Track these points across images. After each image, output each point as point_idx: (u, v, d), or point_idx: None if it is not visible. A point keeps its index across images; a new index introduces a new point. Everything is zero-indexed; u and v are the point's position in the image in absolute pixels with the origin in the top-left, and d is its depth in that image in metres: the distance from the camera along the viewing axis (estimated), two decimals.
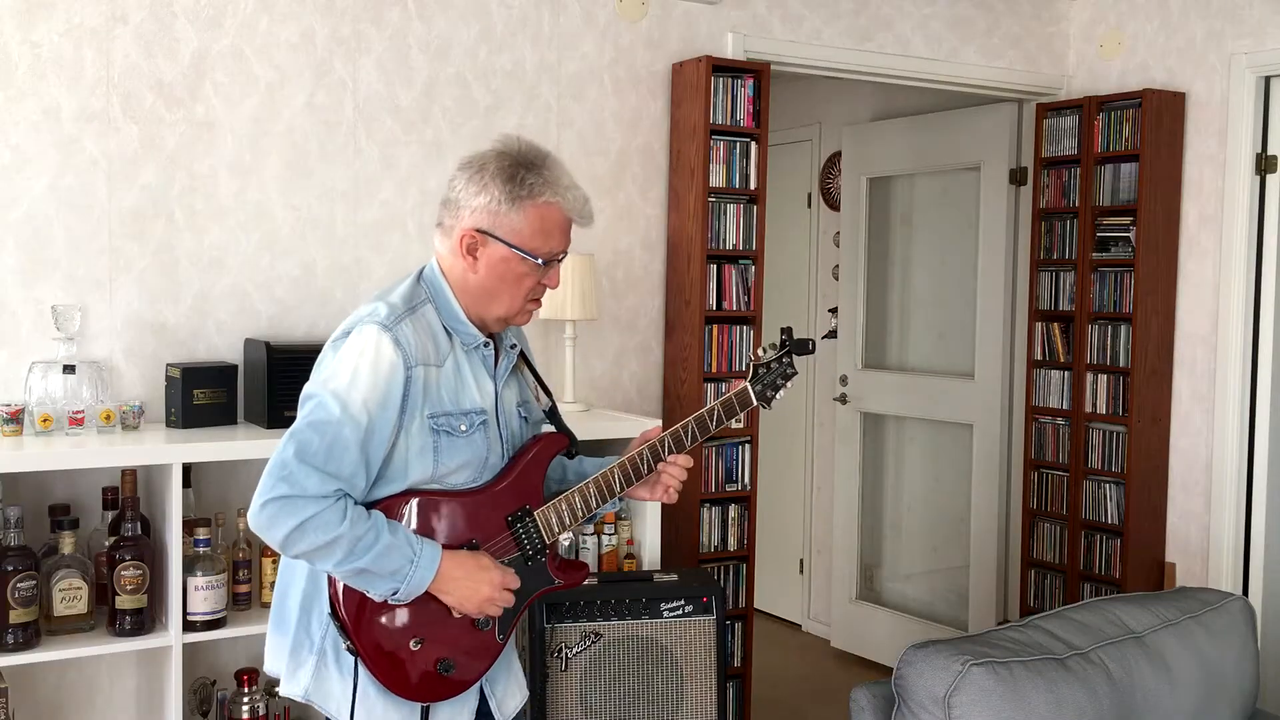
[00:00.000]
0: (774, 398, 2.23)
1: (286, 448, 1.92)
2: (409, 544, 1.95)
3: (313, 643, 2.05)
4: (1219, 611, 2.64)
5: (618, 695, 3.06)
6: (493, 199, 2.01)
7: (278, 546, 1.92)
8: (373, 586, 1.95)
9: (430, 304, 2.07)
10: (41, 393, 2.97)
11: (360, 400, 1.93)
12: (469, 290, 2.07)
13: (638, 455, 2.16)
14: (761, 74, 3.89)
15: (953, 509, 5.13)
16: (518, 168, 2.02)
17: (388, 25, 3.47)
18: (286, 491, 1.89)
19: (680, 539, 3.84)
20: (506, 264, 2.04)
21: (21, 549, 2.72)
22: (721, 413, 2.18)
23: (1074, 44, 4.71)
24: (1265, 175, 4.11)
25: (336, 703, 2.04)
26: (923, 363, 5.29)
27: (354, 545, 1.90)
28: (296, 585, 2.08)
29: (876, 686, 2.39)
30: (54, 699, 3.07)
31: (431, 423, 2.00)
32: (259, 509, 1.90)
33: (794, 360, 2.23)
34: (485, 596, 2.01)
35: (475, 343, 2.09)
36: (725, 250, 3.86)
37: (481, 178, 2.03)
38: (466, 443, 2.04)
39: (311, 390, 1.99)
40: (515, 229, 2.02)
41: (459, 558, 2.01)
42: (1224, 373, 4.17)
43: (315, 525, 1.88)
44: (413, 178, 3.52)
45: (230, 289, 3.28)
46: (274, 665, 2.12)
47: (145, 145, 3.16)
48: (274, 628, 2.12)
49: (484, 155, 2.06)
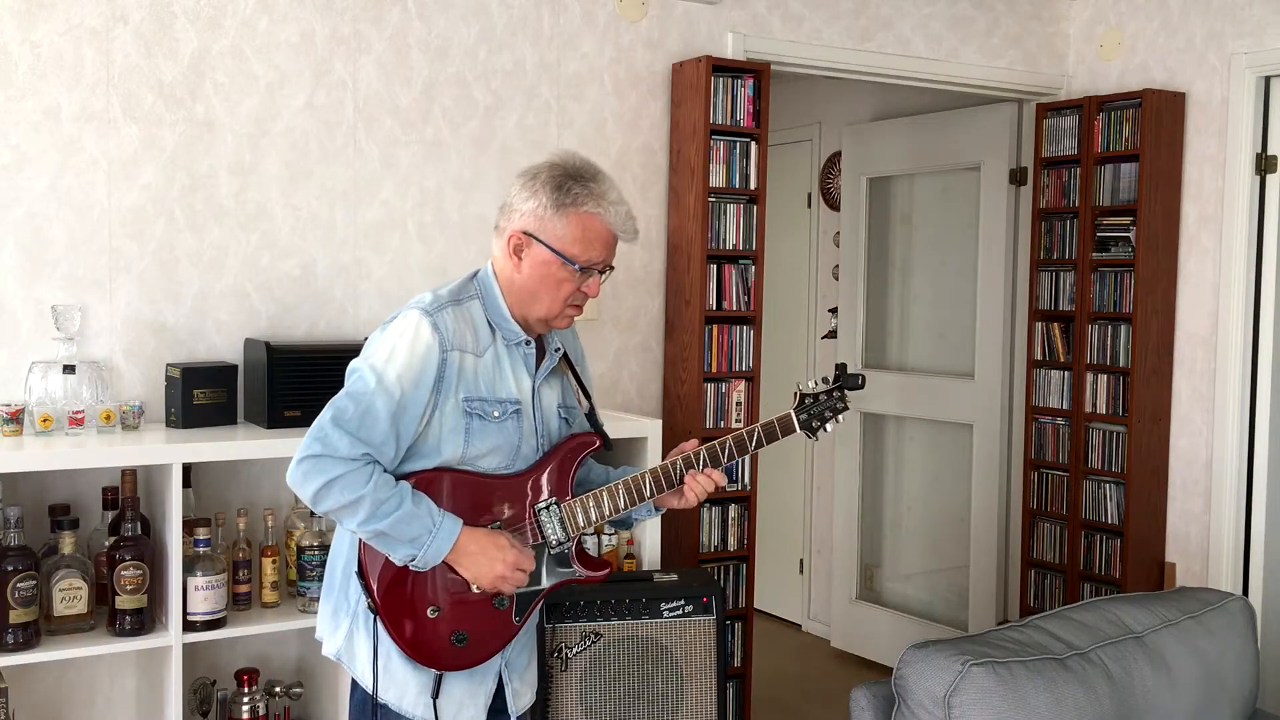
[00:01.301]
0: (819, 428, 2.33)
1: (326, 413, 2.08)
2: (430, 515, 2.09)
3: (349, 606, 2.20)
4: (1219, 611, 2.64)
5: (618, 695, 3.06)
6: (540, 204, 2.16)
7: (309, 501, 2.07)
8: (393, 551, 2.09)
9: (478, 300, 2.22)
10: (41, 393, 2.97)
11: (395, 375, 2.09)
12: (514, 290, 2.22)
13: (670, 464, 2.27)
14: (761, 74, 3.89)
15: (953, 509, 5.13)
16: (567, 178, 2.17)
17: (388, 25, 3.47)
18: (320, 451, 2.05)
19: (680, 539, 3.84)
20: (547, 267, 2.17)
21: (21, 549, 2.72)
22: (762, 436, 2.29)
23: (1074, 44, 4.71)
24: (1265, 175, 4.11)
25: (362, 665, 2.18)
26: (923, 363, 5.29)
27: (376, 507, 2.04)
28: (342, 554, 2.23)
29: (876, 686, 2.39)
30: (54, 699, 3.07)
31: (465, 405, 2.15)
32: (295, 465, 2.06)
33: (845, 396, 2.33)
34: (499, 574, 2.13)
35: (516, 339, 2.23)
36: (725, 250, 3.86)
37: (533, 185, 2.18)
38: (498, 428, 2.17)
39: (355, 365, 2.15)
40: (558, 234, 2.16)
41: (477, 534, 2.13)
42: (1224, 373, 4.17)
43: (341, 484, 2.03)
44: (413, 178, 3.52)
45: (230, 289, 3.28)
46: (321, 628, 2.30)
47: (145, 145, 3.16)
48: (325, 592, 2.29)
49: (540, 165, 2.22)
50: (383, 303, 3.47)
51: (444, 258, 3.56)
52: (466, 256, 3.58)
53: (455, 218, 3.58)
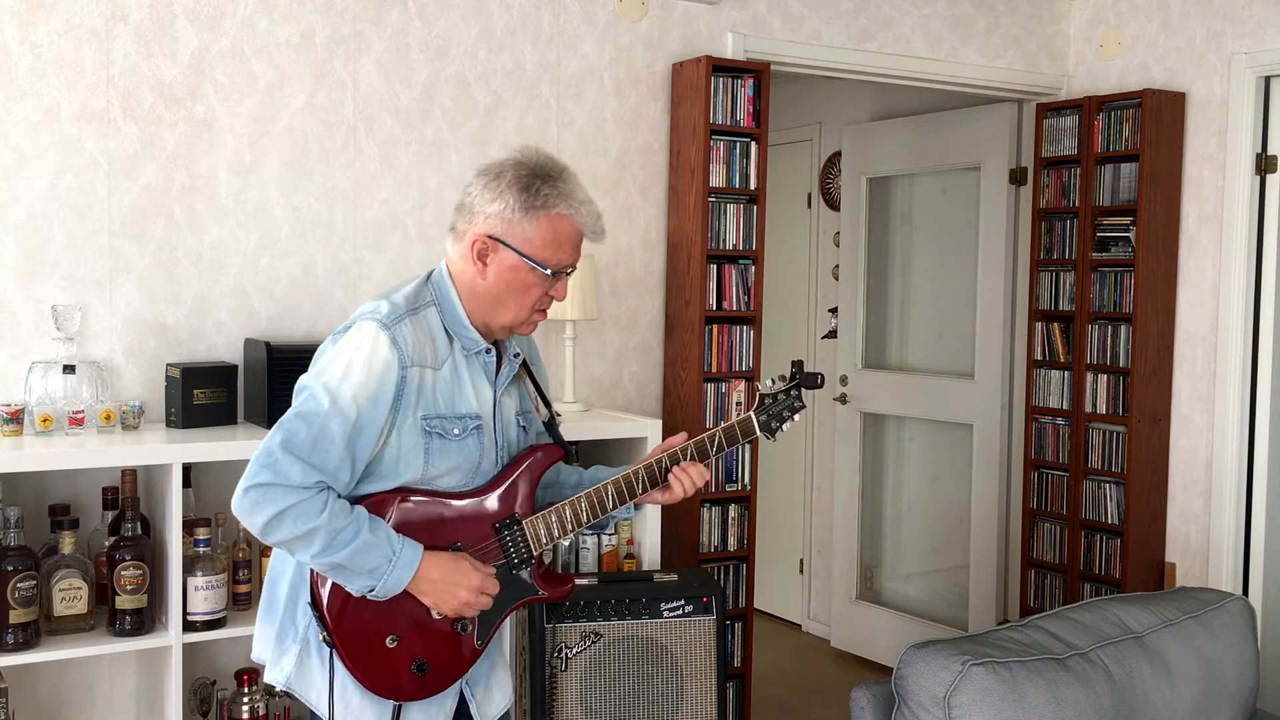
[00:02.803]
0: (778, 429, 2.25)
1: (274, 436, 1.94)
2: (389, 543, 1.97)
3: (297, 631, 2.07)
4: (1219, 611, 2.64)
5: (618, 695, 3.06)
6: (507, 206, 2.03)
7: (257, 533, 1.93)
8: (350, 582, 1.97)
9: (434, 306, 2.09)
10: (41, 393, 2.97)
11: (350, 395, 1.95)
12: (476, 296, 2.09)
13: (633, 474, 2.18)
14: (761, 74, 3.89)
15: (953, 509, 5.13)
16: (534, 178, 2.04)
17: (388, 25, 3.47)
18: (269, 479, 1.90)
19: (680, 539, 3.84)
20: (515, 272, 2.06)
21: (21, 549, 2.72)
22: (723, 439, 2.21)
23: (1074, 44, 4.71)
24: (1265, 175, 4.11)
25: (317, 692, 2.06)
26: (923, 363, 5.29)
27: (332, 539, 1.92)
28: (286, 574, 2.10)
29: (876, 686, 2.39)
30: (54, 699, 3.07)
31: (424, 424, 2.02)
32: (242, 494, 1.92)
33: (802, 394, 2.26)
34: (462, 600, 2.03)
35: (476, 348, 2.11)
36: (725, 250, 3.86)
37: (498, 185, 2.05)
38: (458, 446, 2.06)
39: (305, 382, 2.01)
40: (527, 238, 2.04)
41: (439, 559, 2.02)
42: (1224, 373, 4.17)
43: (294, 514, 1.90)
44: (413, 178, 3.52)
45: (230, 289, 3.28)
46: (260, 652, 2.14)
47: (145, 145, 3.16)
48: (263, 614, 2.15)
49: (502, 163, 2.08)
50: None
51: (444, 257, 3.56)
52: None
53: None
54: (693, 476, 2.19)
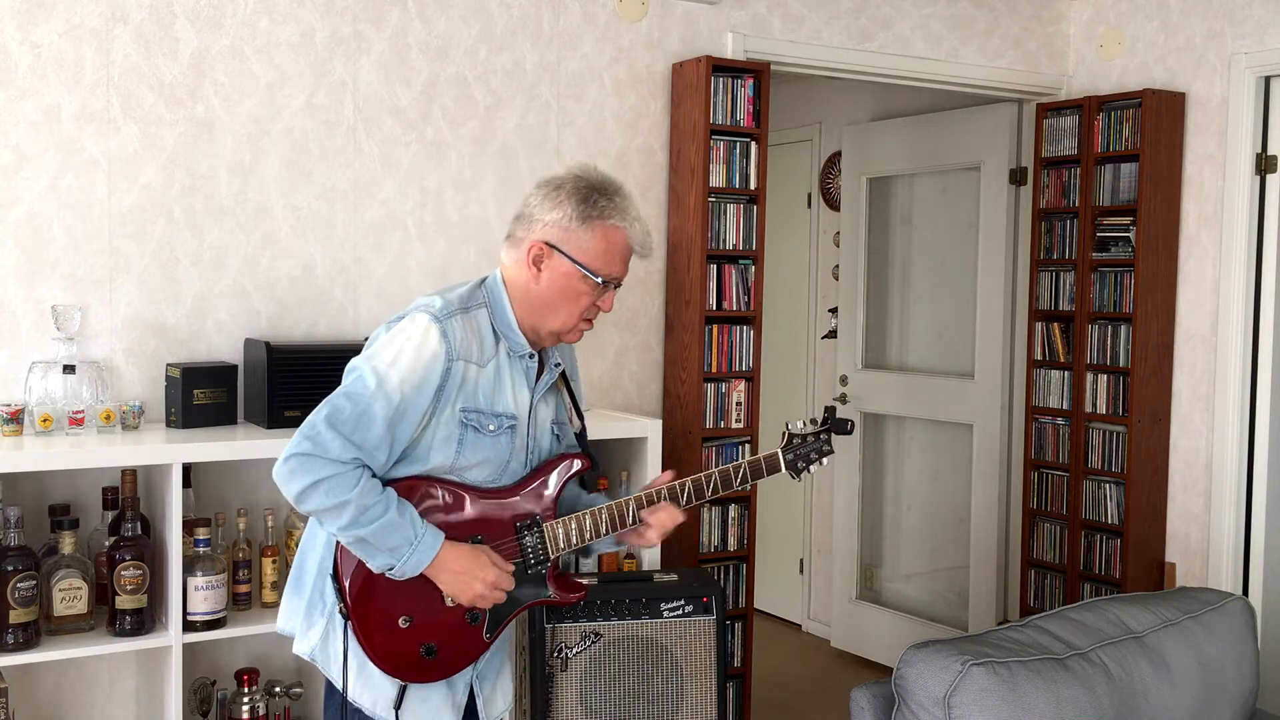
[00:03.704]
0: (804, 470, 2.33)
1: (320, 410, 2.04)
2: (412, 526, 2.05)
3: (325, 605, 2.16)
4: (1219, 611, 2.64)
5: (618, 695, 3.06)
6: (565, 215, 2.13)
7: (293, 499, 2.02)
8: (371, 558, 2.05)
9: (485, 308, 2.18)
10: (41, 393, 2.97)
11: (397, 380, 2.04)
12: (529, 301, 2.18)
13: (655, 492, 2.24)
14: (761, 74, 3.89)
15: (953, 509, 5.13)
16: (592, 191, 2.15)
17: (388, 25, 3.47)
18: (310, 450, 2.00)
19: (680, 539, 3.83)
20: (568, 279, 2.15)
21: (21, 549, 2.72)
22: (748, 472, 2.28)
23: (1074, 44, 4.71)
24: (1265, 175, 4.11)
25: (337, 667, 2.13)
26: (923, 363, 5.29)
27: (361, 513, 2.00)
28: (316, 549, 2.18)
29: (876, 686, 2.39)
30: (54, 699, 3.07)
31: (462, 415, 2.11)
32: (283, 462, 2.02)
33: (832, 440, 2.33)
34: (477, 592, 2.10)
35: (521, 352, 2.20)
36: (725, 250, 3.86)
37: (558, 195, 2.15)
38: (491, 442, 2.14)
39: (356, 363, 2.10)
40: (582, 247, 2.14)
41: (459, 550, 2.10)
42: (1224, 373, 4.17)
43: (328, 486, 1.99)
44: (413, 178, 3.52)
45: (230, 289, 3.28)
46: (288, 623, 2.23)
47: (145, 145, 3.16)
48: (291, 587, 2.24)
49: (563, 177, 2.19)
50: (383, 303, 3.47)
51: (444, 258, 3.56)
52: (466, 257, 3.59)
53: (455, 218, 3.58)
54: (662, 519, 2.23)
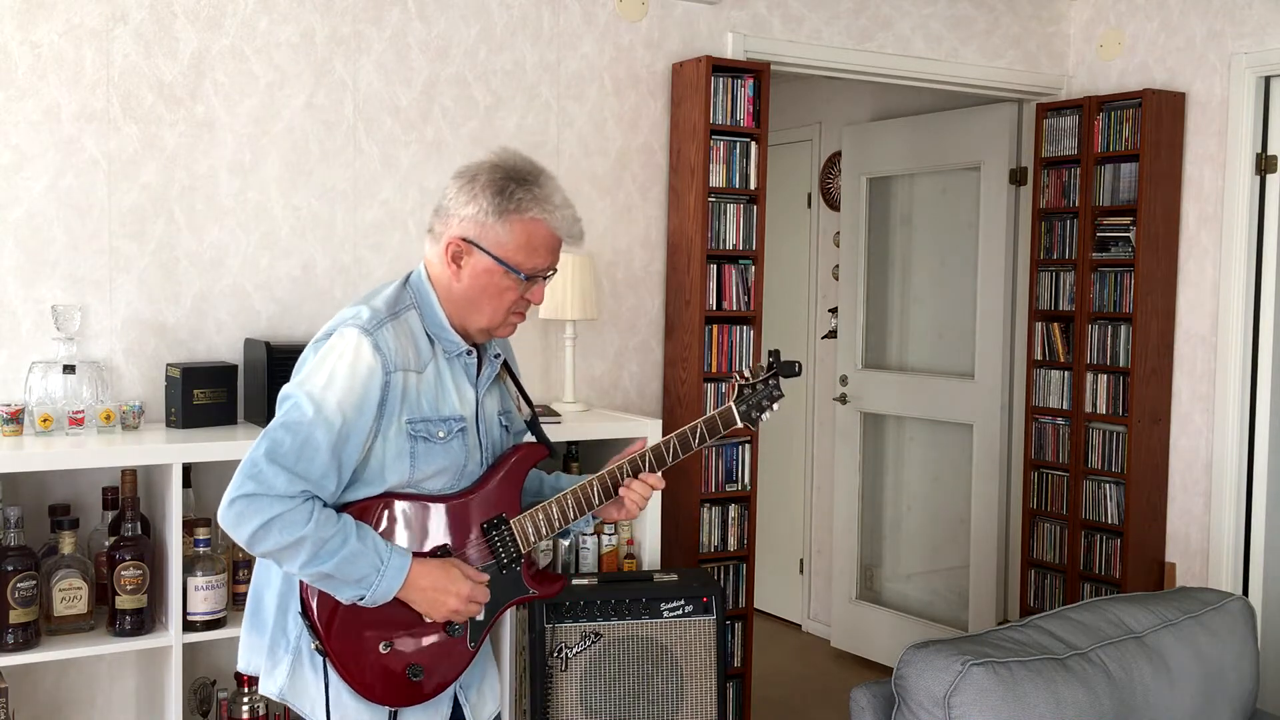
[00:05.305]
0: (759, 418, 2.23)
1: (259, 446, 1.93)
2: (377, 551, 1.96)
3: (289, 641, 2.05)
4: (1219, 611, 2.64)
5: (618, 695, 3.06)
6: (480, 210, 2.02)
7: (244, 544, 1.92)
8: (339, 592, 1.96)
9: (415, 310, 2.08)
10: (41, 393, 2.97)
11: (335, 403, 1.94)
12: (453, 299, 2.08)
13: (617, 469, 2.17)
14: (761, 74, 3.89)
15: (953, 509, 5.13)
16: (508, 181, 2.03)
17: (388, 25, 3.47)
18: (254, 490, 1.89)
19: (680, 539, 3.84)
20: (489, 275, 2.04)
21: (21, 549, 2.72)
22: (705, 430, 2.19)
23: (1074, 44, 4.71)
24: (1265, 175, 4.11)
25: (311, 702, 2.04)
26: (923, 363, 5.29)
27: (319, 548, 1.90)
28: (272, 584, 2.08)
29: (876, 686, 2.39)
30: (54, 699, 3.07)
31: (409, 428, 2.01)
32: (227, 505, 1.91)
33: (780, 383, 2.24)
34: (451, 608, 2.03)
35: (457, 350, 2.10)
36: (725, 250, 3.86)
37: (472, 188, 2.04)
38: (444, 449, 2.05)
39: (288, 391, 1.99)
40: (500, 242, 2.03)
41: (428, 567, 2.01)
42: (1224, 373, 4.17)
43: (280, 524, 1.89)
44: (413, 178, 3.52)
45: (230, 289, 3.28)
46: (250, 663, 2.12)
47: (145, 145, 3.16)
48: (249, 626, 2.13)
49: (478, 165, 2.07)
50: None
51: None
52: None
53: None
54: (638, 490, 2.16)
